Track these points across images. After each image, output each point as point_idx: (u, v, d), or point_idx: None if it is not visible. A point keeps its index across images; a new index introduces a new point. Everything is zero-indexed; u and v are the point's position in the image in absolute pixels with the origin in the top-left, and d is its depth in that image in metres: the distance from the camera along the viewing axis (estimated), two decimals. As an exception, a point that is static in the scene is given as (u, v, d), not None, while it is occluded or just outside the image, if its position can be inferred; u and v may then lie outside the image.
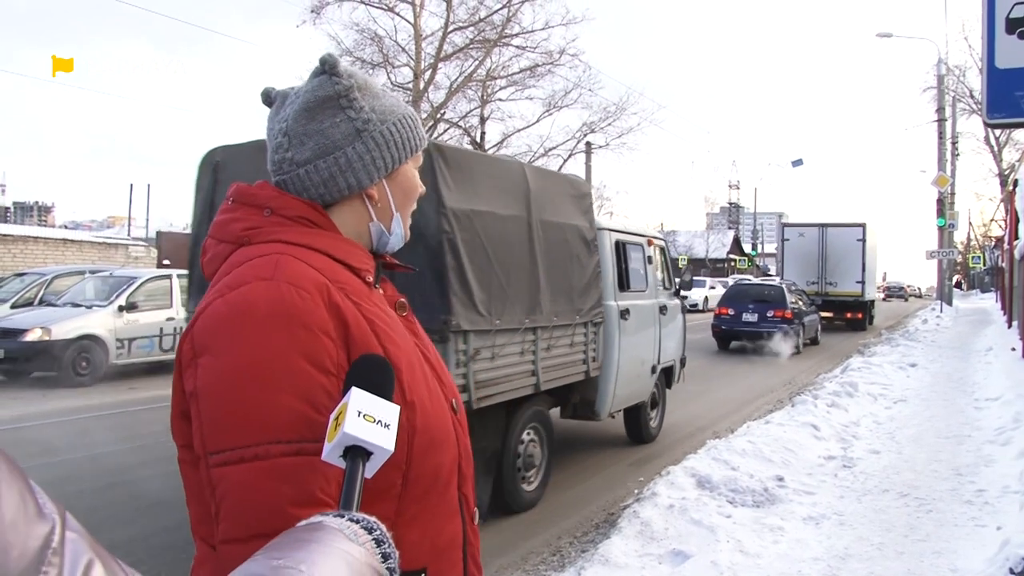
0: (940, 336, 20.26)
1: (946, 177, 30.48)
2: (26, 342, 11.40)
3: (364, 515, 0.84)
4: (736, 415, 10.00)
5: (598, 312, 6.86)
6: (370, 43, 29.81)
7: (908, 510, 5.52)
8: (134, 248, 27.01)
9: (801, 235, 25.42)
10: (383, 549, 0.82)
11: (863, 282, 24.75)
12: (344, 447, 0.94)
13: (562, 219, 6.47)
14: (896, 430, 8.30)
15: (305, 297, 1.08)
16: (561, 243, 6.39)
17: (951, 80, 33.13)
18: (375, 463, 0.96)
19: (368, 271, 1.24)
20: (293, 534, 0.79)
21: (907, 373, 12.77)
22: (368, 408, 0.96)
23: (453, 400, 1.29)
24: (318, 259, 1.16)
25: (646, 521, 4.94)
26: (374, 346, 1.11)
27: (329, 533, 0.79)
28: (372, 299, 1.21)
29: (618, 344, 7.19)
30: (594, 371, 6.83)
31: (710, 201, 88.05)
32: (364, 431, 0.94)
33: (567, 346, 6.42)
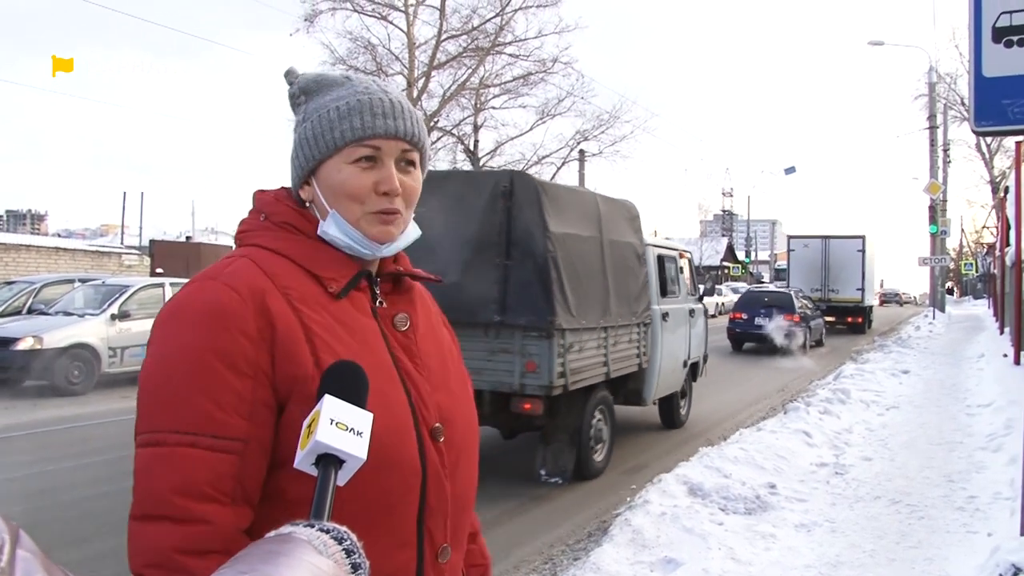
0: (933, 343, 20.32)
1: (938, 184, 30.59)
2: (18, 351, 11.30)
3: (335, 525, 0.83)
4: (729, 422, 10.01)
5: (647, 314, 8.24)
6: (363, 51, 29.82)
7: (900, 517, 5.53)
8: (127, 256, 26.94)
9: (806, 246, 27.40)
10: (353, 559, 0.80)
11: (863, 289, 26.71)
12: (316, 455, 0.93)
13: (622, 238, 7.91)
14: (888, 437, 8.32)
15: (234, 299, 1.10)
16: (622, 257, 7.81)
17: (942, 87, 33.26)
18: (348, 471, 0.95)
19: (334, 280, 1.20)
20: (261, 545, 0.78)
21: (900, 380, 12.81)
22: (341, 416, 0.95)
23: (438, 425, 1.21)
24: (280, 264, 1.18)
25: (638, 529, 4.94)
26: (303, 353, 1.11)
27: (297, 545, 0.77)
28: (329, 307, 1.18)
29: (661, 342, 8.53)
30: (644, 364, 8.19)
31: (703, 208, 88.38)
32: (336, 439, 0.93)
33: (626, 343, 7.80)
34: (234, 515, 1.06)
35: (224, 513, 1.04)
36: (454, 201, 6.58)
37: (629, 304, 7.80)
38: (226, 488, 1.05)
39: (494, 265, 6.49)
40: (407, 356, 1.23)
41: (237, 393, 1.07)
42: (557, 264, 6.44)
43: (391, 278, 1.29)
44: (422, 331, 1.29)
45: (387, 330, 1.23)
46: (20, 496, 6.23)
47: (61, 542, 5.03)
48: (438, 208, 6.17)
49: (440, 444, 1.21)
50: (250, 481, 1.08)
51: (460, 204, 6.61)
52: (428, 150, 1.31)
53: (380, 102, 1.23)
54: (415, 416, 1.19)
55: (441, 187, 6.53)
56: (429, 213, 5.20)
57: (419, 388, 1.21)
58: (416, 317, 1.29)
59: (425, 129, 1.29)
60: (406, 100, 1.28)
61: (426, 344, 1.28)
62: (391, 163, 1.21)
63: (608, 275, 7.39)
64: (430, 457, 1.18)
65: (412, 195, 1.25)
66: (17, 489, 6.47)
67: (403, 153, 1.23)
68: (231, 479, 1.06)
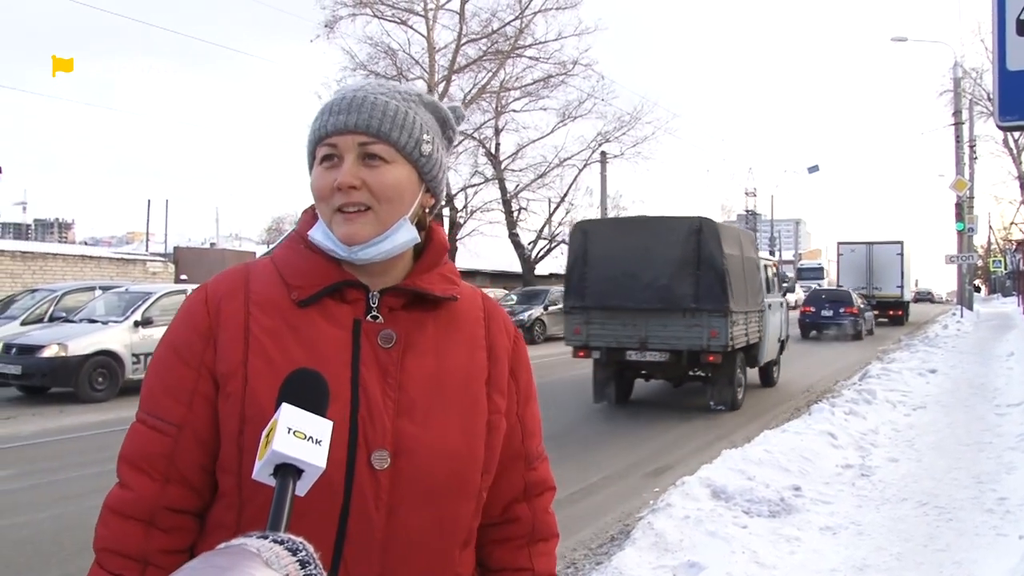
0: (960, 341, 20.05)
1: (964, 181, 30.21)
2: (43, 358, 11.43)
3: (290, 536, 0.80)
4: (753, 424, 9.92)
5: (762, 305, 12.42)
6: (384, 56, 30.00)
7: (927, 519, 5.44)
8: (152, 264, 27.18)
9: (852, 251, 32.79)
10: (308, 571, 0.77)
11: (902, 287, 31.90)
12: (274, 465, 0.92)
13: (749, 254, 12.36)
14: (915, 438, 8.20)
15: (199, 300, 1.22)
16: (751, 267, 12.13)
17: (968, 83, 32.86)
18: (307, 480, 0.93)
19: (299, 288, 1.20)
20: (208, 559, 0.75)
21: (927, 379, 12.63)
22: (298, 424, 0.93)
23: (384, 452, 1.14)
24: (266, 271, 1.24)
25: (660, 532, 4.89)
26: (236, 351, 1.17)
27: (245, 558, 0.74)
28: (287, 314, 1.18)
29: (768, 323, 12.75)
30: (759, 338, 12.33)
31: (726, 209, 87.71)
32: (294, 448, 0.91)
33: (754, 322, 11.97)
34: (160, 491, 1.16)
35: (150, 487, 1.16)
36: (665, 235, 10.97)
37: (754, 297, 11.95)
38: (157, 465, 1.16)
39: (690, 274, 10.65)
40: (379, 374, 1.17)
41: (181, 382, 1.18)
42: (728, 273, 10.62)
43: (404, 294, 1.24)
44: (419, 352, 1.21)
45: (366, 344, 1.19)
46: (47, 502, 6.29)
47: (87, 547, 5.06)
48: (655, 240, 10.91)
49: (379, 472, 1.14)
50: (184, 464, 1.17)
51: (669, 236, 10.90)
52: (408, 142, 1.21)
53: (341, 100, 1.21)
54: (353, 438, 1.14)
55: (655, 226, 11.37)
56: (650, 243, 10.81)
57: (373, 409, 1.15)
58: (419, 337, 1.22)
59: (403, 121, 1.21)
60: (384, 95, 1.23)
61: (418, 367, 1.20)
62: (349, 158, 1.18)
63: (746, 279, 11.56)
64: (359, 483, 1.13)
65: (379, 189, 1.18)
66: (44, 495, 6.53)
67: (361, 147, 1.18)
68: (162, 458, 1.16)
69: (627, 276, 10.79)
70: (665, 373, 11.81)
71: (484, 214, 32.62)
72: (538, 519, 1.39)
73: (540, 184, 33.01)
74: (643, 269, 10.70)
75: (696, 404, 11.55)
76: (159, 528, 1.16)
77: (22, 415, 10.45)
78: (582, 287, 11.28)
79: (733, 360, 11.06)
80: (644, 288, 10.69)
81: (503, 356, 1.31)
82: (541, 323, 23.73)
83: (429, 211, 1.29)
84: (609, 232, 11.83)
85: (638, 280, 10.73)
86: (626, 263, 10.84)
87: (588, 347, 11.23)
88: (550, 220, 35.12)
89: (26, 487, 6.86)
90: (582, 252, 11.30)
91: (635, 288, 10.71)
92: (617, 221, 15.88)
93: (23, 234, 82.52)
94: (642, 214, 18.91)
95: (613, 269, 10.96)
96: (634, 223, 12.81)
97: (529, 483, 1.37)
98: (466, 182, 31.99)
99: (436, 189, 1.27)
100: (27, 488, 6.81)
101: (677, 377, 11.99)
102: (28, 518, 5.92)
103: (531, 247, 34.34)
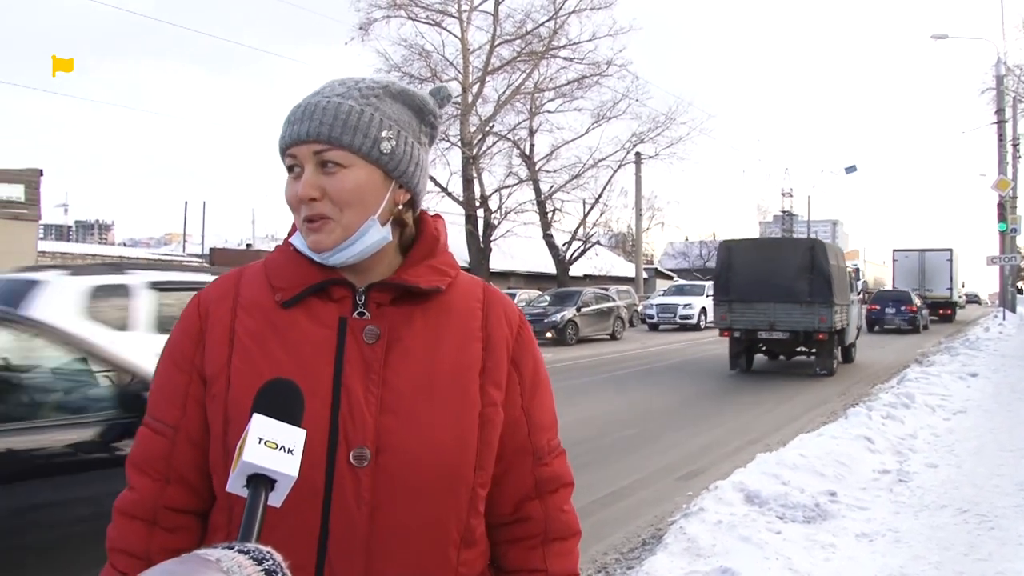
0: (1003, 344, 19.66)
1: (1007, 180, 29.66)
2: None
3: (256, 545, 0.79)
4: (788, 428, 9.79)
5: (849, 300, 16.70)
6: (418, 58, 30.15)
7: (968, 527, 5.31)
8: (188, 264, 27.57)
9: (907, 257, 37.84)
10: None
11: (951, 288, 37.14)
12: (246, 476, 0.91)
13: (842, 264, 16.65)
14: (955, 443, 8.03)
15: (193, 304, 1.26)
16: (843, 274, 16.30)
17: (1011, 80, 32.18)
18: (281, 490, 0.92)
19: (284, 290, 1.20)
20: (166, 566, 0.74)
21: (967, 383, 12.38)
22: (269, 434, 0.92)
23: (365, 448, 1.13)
24: (256, 273, 1.27)
25: (693, 537, 4.83)
26: (221, 354, 1.19)
27: (203, 566, 0.73)
28: (271, 315, 1.20)
29: (851, 315, 17.01)
30: (846, 325, 16.44)
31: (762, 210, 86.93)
32: (264, 458, 0.91)
33: (844, 313, 16.09)
34: (159, 491, 1.20)
35: (151, 487, 1.20)
36: (788, 249, 16.24)
37: (845, 295, 16.25)
38: (157, 466, 1.20)
39: (806, 277, 15.07)
40: (363, 371, 1.17)
41: (176, 385, 1.22)
42: (832, 277, 15.19)
43: (391, 289, 1.22)
44: (408, 348, 1.20)
45: (351, 341, 1.18)
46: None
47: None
48: (780, 253, 15.74)
49: (360, 470, 1.13)
50: (181, 465, 1.20)
51: (790, 251, 15.99)
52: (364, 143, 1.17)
53: (296, 108, 1.19)
54: (334, 436, 1.13)
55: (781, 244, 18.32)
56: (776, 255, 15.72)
57: (354, 406, 1.14)
58: (405, 331, 1.21)
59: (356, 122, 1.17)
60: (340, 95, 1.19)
61: (405, 363, 1.19)
62: (308, 168, 1.17)
63: (841, 281, 15.88)
64: (340, 481, 1.13)
65: (338, 196, 1.16)
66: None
67: (317, 155, 1.16)
68: (161, 459, 1.20)
69: (760, 278, 15.33)
70: (783, 348, 16.38)
71: (518, 215, 32.62)
72: (552, 517, 1.32)
73: (574, 185, 32.98)
74: (772, 273, 15.25)
75: (729, 407, 11.45)
76: (162, 527, 1.20)
77: None
78: (727, 286, 15.78)
79: (833, 339, 15.56)
80: (772, 287, 15.24)
81: (501, 346, 1.27)
82: (574, 324, 23.51)
83: (406, 206, 1.25)
84: (747, 247, 16.86)
85: (768, 281, 15.27)
86: (759, 269, 15.42)
87: (731, 328, 15.77)
88: (584, 221, 35.10)
89: None
90: (727, 261, 15.89)
91: (766, 286, 15.29)
92: (753, 240, 20.55)
93: (64, 235, 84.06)
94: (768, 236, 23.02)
95: (750, 273, 15.44)
96: (766, 241, 20.87)
97: (540, 479, 1.31)
98: (501, 183, 32.03)
99: (408, 184, 1.23)
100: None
101: (789, 352, 16.57)
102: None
103: (565, 248, 34.30)
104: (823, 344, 15.35)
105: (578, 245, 34.82)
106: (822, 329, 15.04)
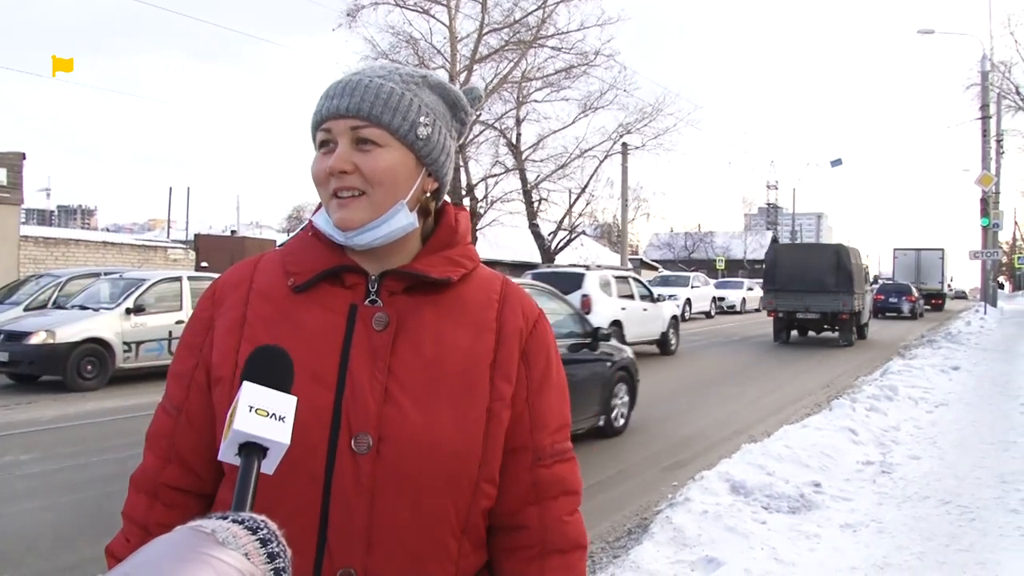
0: (984, 338, 19.84)
1: (990, 176, 29.87)
2: (31, 345, 11.10)
3: (250, 514, 0.78)
4: (772, 419, 9.84)
5: (864, 290, 21.92)
6: (405, 45, 29.96)
7: (950, 518, 5.37)
8: (173, 251, 27.38)
9: (905, 255, 44.43)
10: (270, 549, 0.75)
11: (942, 282, 43.75)
12: (238, 444, 0.90)
13: (861, 263, 22.30)
14: (938, 435, 8.10)
15: (209, 290, 1.28)
16: (860, 270, 21.67)
17: (996, 76, 32.39)
18: (273, 458, 0.91)
19: (296, 275, 1.21)
20: (160, 539, 0.74)
21: (949, 376, 12.48)
22: (260, 402, 0.92)
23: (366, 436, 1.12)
24: (273, 260, 1.27)
25: (679, 527, 4.86)
26: (231, 341, 1.20)
27: (197, 537, 0.73)
28: (283, 302, 1.20)
29: (865, 301, 22.26)
30: (861, 309, 21.38)
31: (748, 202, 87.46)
32: (255, 426, 0.90)
33: (860, 300, 21.11)
34: (161, 467, 1.24)
35: (155, 463, 1.25)
36: (819, 251, 21.86)
37: (862, 286, 21.14)
38: (161, 444, 1.25)
39: (833, 271, 20.13)
40: (370, 358, 1.15)
41: (184, 367, 1.25)
42: (852, 272, 20.36)
43: (403, 278, 1.21)
44: (417, 338, 1.18)
45: (360, 328, 1.17)
46: (24, 494, 6.31)
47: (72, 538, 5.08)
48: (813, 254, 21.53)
49: (361, 457, 1.11)
50: (182, 445, 1.24)
51: (822, 252, 21.49)
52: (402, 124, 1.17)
53: (336, 84, 1.19)
54: (336, 422, 1.12)
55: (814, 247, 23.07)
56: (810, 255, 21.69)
57: (358, 393, 1.13)
58: (415, 321, 1.19)
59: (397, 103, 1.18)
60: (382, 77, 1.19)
61: (413, 353, 1.17)
62: (343, 143, 1.16)
63: (859, 275, 20.72)
64: (340, 468, 1.11)
65: (371, 174, 1.16)
66: (24, 487, 6.54)
67: (354, 131, 1.16)
68: (165, 438, 1.25)
69: (798, 273, 20.54)
70: (813, 326, 21.30)
71: (504, 204, 32.55)
72: (551, 527, 1.24)
73: (561, 175, 32.91)
74: (807, 269, 20.55)
75: (713, 397, 11.53)
76: (161, 502, 1.25)
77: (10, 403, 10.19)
78: (774, 279, 21.15)
79: (852, 319, 20.61)
80: (807, 279, 20.26)
81: (513, 337, 1.24)
82: (560, 315, 23.60)
83: (432, 195, 1.25)
84: (790, 249, 24.50)
85: (804, 275, 20.41)
86: (798, 265, 20.86)
87: (776, 310, 21.09)
88: (570, 211, 35.03)
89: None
90: (774, 260, 21.81)
91: (803, 278, 20.36)
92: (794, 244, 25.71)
93: (47, 220, 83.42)
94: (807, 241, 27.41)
95: (790, 269, 20.80)
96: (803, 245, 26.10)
97: (539, 482, 1.24)
98: (487, 172, 31.95)
99: (438, 173, 1.24)
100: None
101: (819, 328, 21.35)
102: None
103: (551, 238, 34.27)
104: (845, 323, 20.50)
105: (564, 235, 34.78)
106: (844, 311, 20.14)
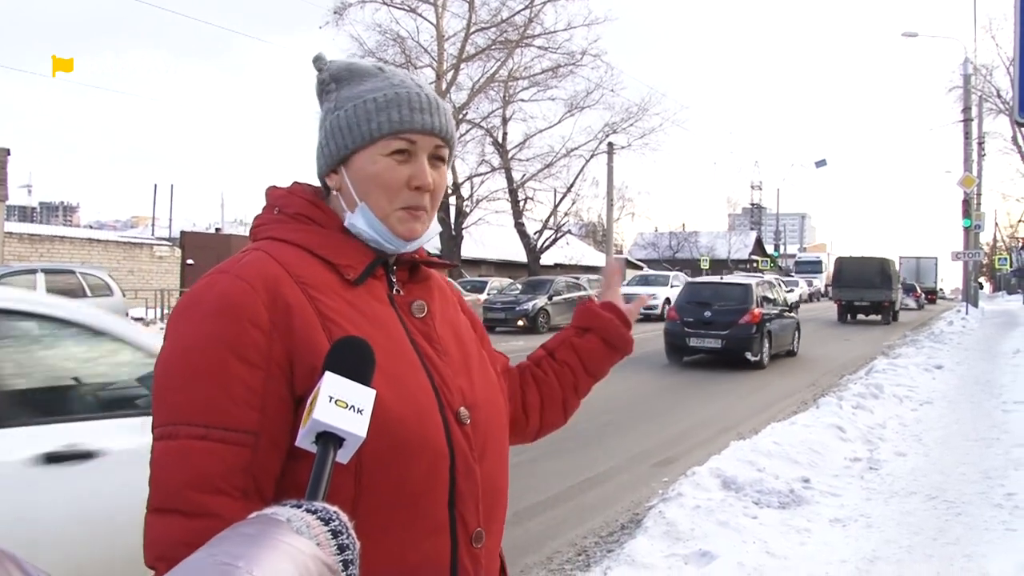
0: (966, 338, 20.06)
1: (972, 178, 30.21)
2: None
3: (323, 505, 0.82)
4: (759, 417, 9.93)
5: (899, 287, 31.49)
6: (392, 44, 29.98)
7: (936, 513, 5.47)
8: (159, 248, 27.26)
9: (907, 260, 48.92)
10: (340, 540, 0.78)
11: (935, 281, 52.05)
12: (315, 433, 0.94)
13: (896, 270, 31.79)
14: (923, 432, 8.23)
15: (245, 290, 1.11)
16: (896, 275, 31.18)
17: (978, 79, 32.77)
18: (348, 449, 0.95)
19: (351, 267, 1.20)
20: (239, 527, 0.76)
21: (933, 375, 12.64)
22: (340, 393, 0.95)
23: (463, 408, 1.21)
24: (293, 254, 1.18)
25: (672, 521, 4.93)
26: (321, 341, 1.10)
27: (274, 526, 0.75)
28: (345, 295, 1.18)
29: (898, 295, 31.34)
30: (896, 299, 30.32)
31: (732, 202, 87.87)
32: (334, 417, 0.93)
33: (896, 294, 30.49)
34: (244, 509, 0.98)
35: (233, 507, 1.02)
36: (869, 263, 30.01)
37: (897, 284, 30.36)
38: (236, 481, 1.05)
39: (879, 277, 28.83)
40: (427, 342, 1.23)
41: (247, 385, 1.07)
42: (894, 278, 30.07)
43: (407, 266, 1.29)
44: (439, 318, 1.29)
45: (405, 317, 1.24)
46: None
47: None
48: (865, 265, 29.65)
49: (466, 427, 1.21)
50: (262, 475, 1.07)
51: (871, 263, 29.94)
52: (456, 147, 1.32)
53: (418, 97, 1.23)
54: (440, 400, 1.19)
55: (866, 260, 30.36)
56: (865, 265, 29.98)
57: (441, 373, 1.22)
58: (433, 304, 1.29)
59: (454, 125, 1.30)
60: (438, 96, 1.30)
61: (444, 331, 1.28)
62: (424, 158, 1.22)
63: (896, 278, 30.39)
64: (457, 440, 1.19)
65: (439, 192, 1.25)
66: None
67: (435, 149, 1.24)
68: (241, 472, 1.05)
69: (856, 276, 28.54)
70: (864, 311, 28.88)
71: (490, 203, 32.74)
72: None
73: (547, 174, 33.08)
74: (862, 274, 28.41)
75: (700, 394, 11.61)
76: None
77: None
78: (840, 280, 29.65)
79: (891, 306, 28.86)
80: (862, 279, 28.22)
81: (463, 305, 1.43)
82: (546, 313, 23.43)
83: None
84: (850, 260, 30.71)
85: (860, 277, 28.28)
86: (856, 271, 28.74)
87: (840, 299, 29.47)
88: (556, 210, 35.16)
89: None
90: (840, 267, 30.57)
91: (859, 280, 28.27)
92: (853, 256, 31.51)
93: (28, 217, 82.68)
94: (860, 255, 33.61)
95: (851, 272, 29.00)
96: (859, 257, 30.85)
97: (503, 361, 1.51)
98: (473, 171, 32.03)
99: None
100: None
101: (868, 312, 28.96)
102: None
103: (537, 237, 34.37)
104: (886, 309, 28.75)
105: (549, 234, 34.92)
106: (887, 301, 28.56)
